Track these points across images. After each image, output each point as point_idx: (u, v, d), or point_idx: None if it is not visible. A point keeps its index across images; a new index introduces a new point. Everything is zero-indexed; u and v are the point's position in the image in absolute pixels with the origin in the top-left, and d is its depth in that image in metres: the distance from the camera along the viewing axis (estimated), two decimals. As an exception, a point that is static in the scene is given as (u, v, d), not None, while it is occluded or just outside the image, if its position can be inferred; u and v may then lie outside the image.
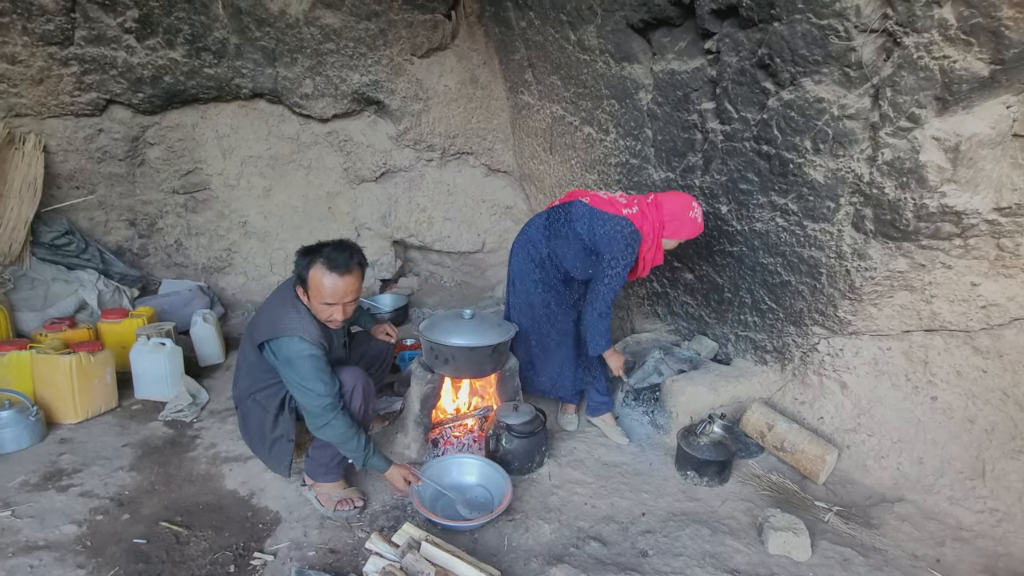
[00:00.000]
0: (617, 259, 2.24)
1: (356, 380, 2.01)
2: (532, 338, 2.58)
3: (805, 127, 2.06)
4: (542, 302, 2.50)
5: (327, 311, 1.92)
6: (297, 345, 1.88)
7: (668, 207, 2.28)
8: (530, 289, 2.51)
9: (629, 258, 2.26)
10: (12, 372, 2.53)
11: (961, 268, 2.00)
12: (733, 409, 2.60)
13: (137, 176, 3.67)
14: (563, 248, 2.40)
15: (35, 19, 2.96)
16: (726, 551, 1.92)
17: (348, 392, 1.99)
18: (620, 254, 2.24)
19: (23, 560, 1.77)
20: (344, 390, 1.98)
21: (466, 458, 2.27)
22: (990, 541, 1.99)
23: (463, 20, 3.80)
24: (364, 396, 2.02)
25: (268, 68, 3.53)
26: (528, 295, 2.52)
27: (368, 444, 1.97)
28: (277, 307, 1.99)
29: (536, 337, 2.57)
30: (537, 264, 2.47)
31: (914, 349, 2.26)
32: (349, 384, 2.00)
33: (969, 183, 1.79)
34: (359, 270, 1.96)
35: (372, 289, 4.29)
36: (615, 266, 2.24)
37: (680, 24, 2.50)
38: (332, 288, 1.87)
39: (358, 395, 2.00)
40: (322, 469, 2.06)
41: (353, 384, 2.00)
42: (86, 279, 3.32)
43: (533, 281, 2.50)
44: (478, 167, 4.30)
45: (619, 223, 2.26)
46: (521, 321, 2.56)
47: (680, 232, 2.28)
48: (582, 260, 2.38)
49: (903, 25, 1.69)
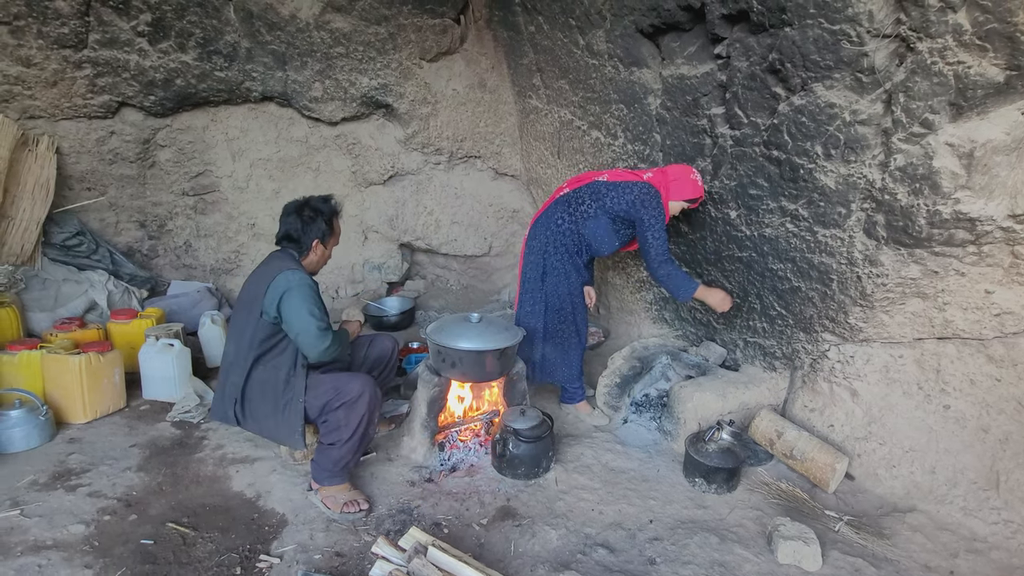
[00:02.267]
0: (654, 216, 2.47)
1: (364, 387, 2.04)
2: (567, 326, 2.74)
3: (816, 132, 2.05)
4: (576, 290, 2.72)
5: (331, 253, 2.28)
6: (299, 276, 2.04)
7: (672, 172, 2.51)
8: (562, 279, 2.67)
9: (662, 214, 2.49)
10: (22, 371, 2.55)
11: (975, 275, 1.98)
12: (742, 416, 2.58)
13: (147, 178, 3.70)
14: (593, 227, 2.59)
15: (50, 22, 3.00)
16: (735, 560, 1.90)
17: (355, 397, 2.00)
18: (656, 211, 2.47)
19: (31, 559, 1.77)
20: (351, 396, 2.00)
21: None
22: (1004, 553, 1.96)
23: (472, 24, 3.82)
24: (370, 404, 2.04)
25: (278, 71, 3.55)
26: (565, 284, 2.67)
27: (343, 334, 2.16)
28: (270, 262, 2.15)
29: (570, 325, 2.74)
30: (570, 253, 2.65)
31: (926, 357, 2.23)
32: (356, 391, 2.01)
33: (983, 190, 1.77)
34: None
35: (379, 292, 4.29)
36: (655, 223, 2.47)
37: (690, 29, 2.50)
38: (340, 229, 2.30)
39: (364, 402, 2.02)
40: (327, 472, 2.06)
41: (361, 391, 2.02)
42: (96, 280, 3.34)
43: (567, 270, 2.66)
44: (485, 171, 4.31)
45: (644, 187, 2.50)
46: (554, 313, 2.71)
47: (683, 191, 2.47)
48: (611, 234, 2.59)
49: (917, 30, 1.68)
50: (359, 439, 2.05)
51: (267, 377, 2.08)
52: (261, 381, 2.09)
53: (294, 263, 2.11)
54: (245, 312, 2.11)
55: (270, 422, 2.11)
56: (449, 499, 2.17)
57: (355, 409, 2.01)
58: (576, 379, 2.84)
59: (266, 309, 2.03)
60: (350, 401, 2.01)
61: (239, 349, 2.10)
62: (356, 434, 2.02)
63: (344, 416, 2.01)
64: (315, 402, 2.04)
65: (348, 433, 2.01)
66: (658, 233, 2.46)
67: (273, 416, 2.10)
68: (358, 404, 2.01)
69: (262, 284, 2.04)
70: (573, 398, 2.88)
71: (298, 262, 2.14)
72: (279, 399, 2.07)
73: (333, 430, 2.03)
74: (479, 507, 2.14)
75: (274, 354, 2.09)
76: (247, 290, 2.14)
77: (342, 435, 2.02)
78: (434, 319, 3.81)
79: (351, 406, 2.01)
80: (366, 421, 2.03)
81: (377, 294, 4.26)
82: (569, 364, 2.79)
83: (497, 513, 2.11)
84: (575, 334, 2.75)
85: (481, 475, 2.33)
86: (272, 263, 2.12)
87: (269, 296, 2.02)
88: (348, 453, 2.04)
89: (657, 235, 2.46)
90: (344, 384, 2.04)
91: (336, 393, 2.03)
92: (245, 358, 2.08)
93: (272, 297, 2.01)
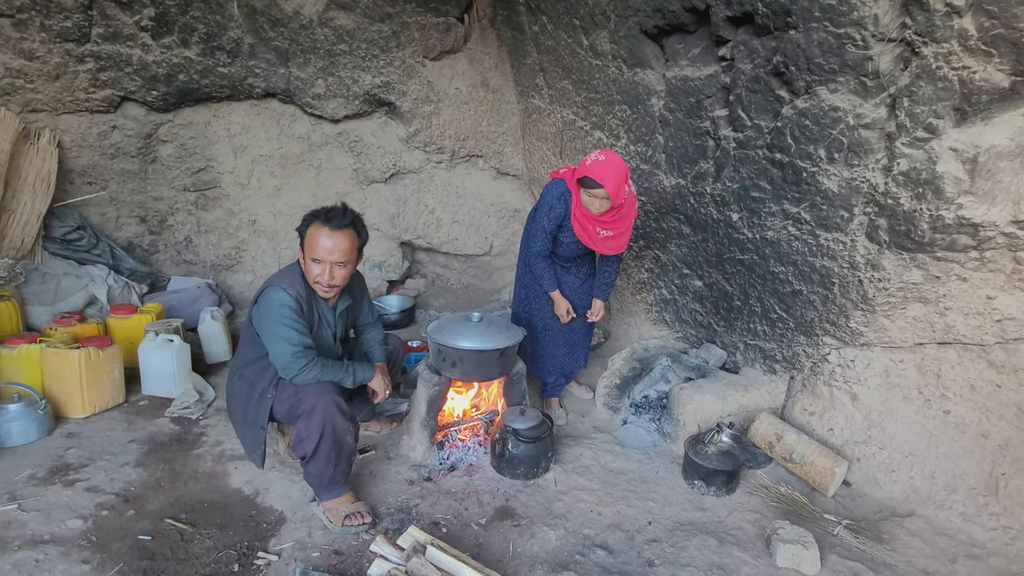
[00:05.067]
0: (539, 206, 2.48)
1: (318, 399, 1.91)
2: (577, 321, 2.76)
3: (820, 136, 2.05)
4: (532, 288, 2.76)
5: (316, 270, 1.95)
6: (277, 294, 1.93)
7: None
8: (524, 272, 2.75)
9: (550, 206, 2.42)
10: (22, 365, 2.54)
11: (976, 281, 1.98)
12: (741, 418, 2.57)
13: (149, 173, 3.69)
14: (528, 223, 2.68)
15: (53, 16, 2.99)
16: (734, 563, 1.90)
17: (308, 409, 1.90)
18: (543, 200, 2.46)
19: (29, 554, 1.77)
20: (305, 407, 1.91)
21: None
22: (1003, 559, 1.96)
23: (475, 23, 3.82)
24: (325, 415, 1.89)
25: (281, 68, 3.54)
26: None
27: (348, 366, 2.05)
28: (270, 278, 2.08)
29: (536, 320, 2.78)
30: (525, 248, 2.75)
31: (927, 362, 2.23)
32: (310, 403, 1.90)
33: (987, 195, 1.77)
34: (352, 231, 1.98)
35: (379, 290, 4.29)
36: (537, 211, 2.50)
37: (694, 31, 2.49)
38: (321, 243, 1.91)
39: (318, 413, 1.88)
40: (319, 487, 1.99)
41: (313, 403, 1.90)
42: (96, 274, 3.34)
43: (522, 269, 2.78)
44: (487, 170, 4.31)
45: (551, 181, 2.51)
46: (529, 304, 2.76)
47: (581, 168, 2.30)
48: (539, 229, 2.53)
49: (922, 35, 1.68)
50: (331, 450, 1.91)
51: (244, 389, 2.06)
52: (240, 389, 2.08)
53: (288, 275, 2.01)
54: (248, 320, 2.10)
55: (239, 431, 2.13)
56: (448, 498, 2.17)
57: (312, 420, 1.88)
58: (549, 373, 2.84)
59: (253, 320, 2.02)
60: (305, 411, 1.90)
61: (239, 355, 2.12)
62: (323, 446, 1.89)
63: (304, 427, 1.91)
64: (280, 408, 1.99)
65: (313, 445, 1.89)
66: (536, 223, 2.48)
67: (241, 428, 2.11)
68: (313, 415, 1.88)
69: (258, 294, 2.02)
70: (554, 391, 2.91)
71: (298, 267, 2.04)
72: (247, 416, 2.05)
73: (300, 442, 1.93)
74: (478, 507, 2.14)
75: (257, 368, 2.04)
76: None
77: (308, 448, 1.90)
78: (434, 318, 3.80)
79: (308, 416, 1.89)
80: (330, 432, 1.88)
81: (377, 292, 4.25)
82: (535, 356, 2.79)
83: (496, 513, 2.11)
84: (541, 328, 2.75)
85: (480, 475, 2.32)
86: (278, 273, 2.09)
87: (254, 310, 2.01)
88: (327, 466, 1.93)
89: (535, 225, 2.49)
90: (300, 394, 1.93)
91: (295, 400, 1.93)
92: (237, 359, 2.11)
93: (255, 312, 2.00)
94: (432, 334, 2.37)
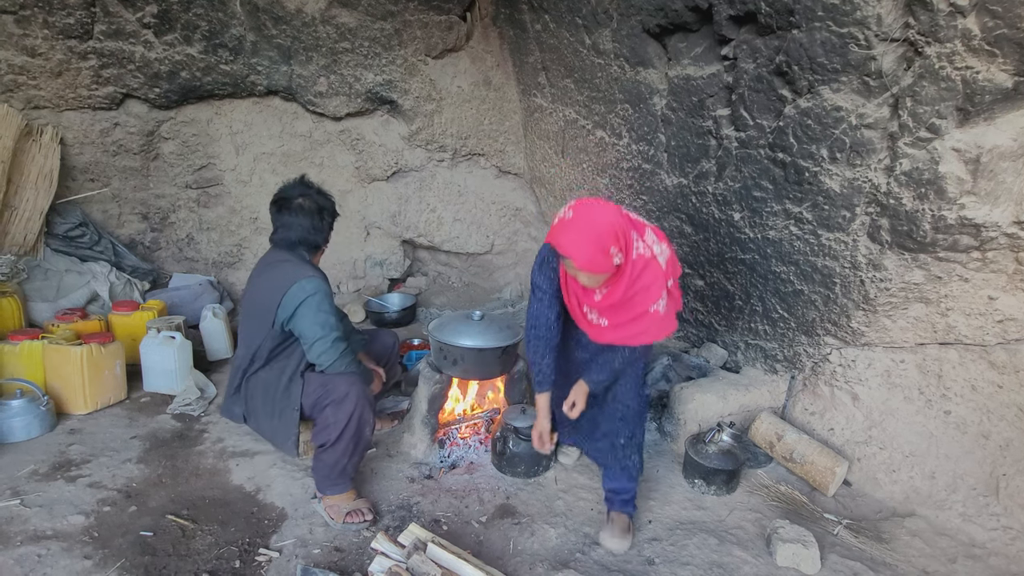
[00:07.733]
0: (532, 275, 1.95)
1: (351, 387, 1.98)
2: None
3: (822, 135, 2.05)
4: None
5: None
6: (314, 283, 1.98)
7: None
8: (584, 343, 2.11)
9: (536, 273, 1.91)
10: (24, 362, 2.55)
11: (978, 281, 1.98)
12: (742, 418, 2.58)
13: (151, 170, 3.70)
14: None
15: (56, 12, 2.99)
16: (734, 562, 1.90)
17: (341, 396, 1.95)
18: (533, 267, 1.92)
19: (31, 549, 1.77)
20: (337, 395, 1.95)
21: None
22: (1003, 559, 1.96)
23: (478, 22, 3.81)
24: (357, 403, 1.97)
25: (283, 66, 3.55)
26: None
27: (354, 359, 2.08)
28: (283, 267, 2.03)
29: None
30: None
31: (928, 362, 2.23)
32: (343, 390, 1.95)
33: (989, 196, 1.77)
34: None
35: (380, 288, 4.29)
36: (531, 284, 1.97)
37: (697, 30, 2.49)
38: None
39: (351, 401, 1.96)
40: (327, 480, 2.00)
41: (347, 390, 1.96)
42: (98, 271, 3.34)
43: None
44: (489, 169, 4.31)
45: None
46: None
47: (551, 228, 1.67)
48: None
49: (925, 35, 1.67)
50: (350, 440, 1.96)
51: (270, 378, 2.06)
52: (264, 381, 2.07)
53: (308, 267, 2.05)
54: (257, 321, 2.05)
55: (266, 424, 2.10)
56: (449, 496, 2.17)
57: (342, 407, 1.94)
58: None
59: (281, 319, 1.99)
60: (336, 399, 1.95)
61: (248, 354, 2.08)
62: (346, 434, 1.94)
63: (332, 415, 1.95)
64: (306, 400, 2.01)
65: (336, 432, 1.94)
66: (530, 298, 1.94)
67: (269, 420, 2.08)
68: (345, 403, 1.94)
69: (276, 292, 1.98)
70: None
71: (310, 263, 2.09)
72: (276, 404, 2.05)
73: (323, 430, 1.97)
74: (478, 504, 2.14)
75: (282, 357, 2.06)
76: (258, 295, 2.05)
77: (331, 435, 1.94)
78: (436, 316, 3.81)
79: (338, 404, 1.94)
80: (356, 421, 1.95)
81: (379, 290, 4.25)
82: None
83: (496, 511, 2.12)
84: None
85: (481, 473, 2.33)
86: (284, 268, 2.03)
87: (285, 307, 1.97)
88: (342, 456, 1.96)
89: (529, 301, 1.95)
90: (332, 383, 1.99)
91: (324, 391, 1.98)
92: (253, 363, 2.07)
93: (288, 307, 1.97)
94: (433, 332, 2.38)
